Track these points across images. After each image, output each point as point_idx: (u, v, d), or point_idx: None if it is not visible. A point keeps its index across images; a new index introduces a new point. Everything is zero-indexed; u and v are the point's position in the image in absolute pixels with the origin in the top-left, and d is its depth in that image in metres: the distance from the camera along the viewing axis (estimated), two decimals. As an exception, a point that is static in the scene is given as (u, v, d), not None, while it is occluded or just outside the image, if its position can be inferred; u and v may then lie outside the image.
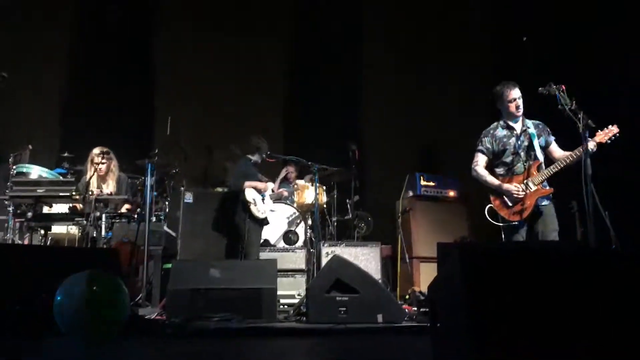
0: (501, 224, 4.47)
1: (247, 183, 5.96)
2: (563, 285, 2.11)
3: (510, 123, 4.60)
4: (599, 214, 4.05)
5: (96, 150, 5.80)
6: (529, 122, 4.61)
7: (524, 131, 4.57)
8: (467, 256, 2.27)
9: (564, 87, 4.26)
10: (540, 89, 4.43)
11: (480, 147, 4.68)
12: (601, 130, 4.28)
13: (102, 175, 5.87)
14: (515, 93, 4.53)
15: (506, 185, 4.44)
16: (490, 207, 4.53)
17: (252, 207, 5.89)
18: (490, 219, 4.52)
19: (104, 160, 5.79)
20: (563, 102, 4.20)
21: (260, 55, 8.51)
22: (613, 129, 4.28)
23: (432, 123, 8.18)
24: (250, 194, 5.95)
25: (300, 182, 6.84)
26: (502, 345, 1.99)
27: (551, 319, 2.03)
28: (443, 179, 7.03)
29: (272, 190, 6.48)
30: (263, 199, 6.08)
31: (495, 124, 4.69)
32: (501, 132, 4.62)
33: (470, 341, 2.00)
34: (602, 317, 2.05)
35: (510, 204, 4.45)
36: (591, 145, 4.15)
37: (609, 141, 4.27)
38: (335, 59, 8.63)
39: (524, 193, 4.38)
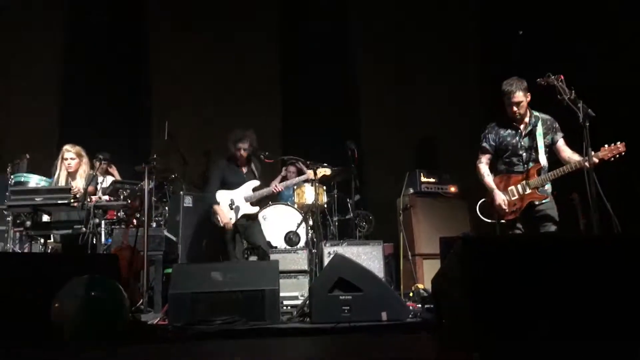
0: (490, 221, 4.46)
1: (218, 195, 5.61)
2: (565, 272, 2.08)
3: (515, 122, 4.54)
4: (602, 204, 3.99)
5: (67, 147, 5.67)
6: (539, 119, 4.50)
7: (529, 131, 4.50)
8: (470, 246, 2.24)
9: (562, 77, 4.22)
10: (538, 79, 4.39)
11: (484, 144, 4.63)
12: (608, 145, 4.17)
13: (72, 172, 5.72)
14: (516, 97, 4.41)
15: (498, 197, 4.40)
16: (483, 202, 4.52)
17: (212, 217, 5.65)
18: (480, 215, 4.52)
19: (74, 157, 5.64)
20: (562, 92, 4.16)
21: (256, 56, 8.49)
22: (619, 147, 4.14)
23: (431, 119, 8.15)
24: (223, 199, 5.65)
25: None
26: (506, 331, 1.96)
27: (554, 305, 2.00)
28: (443, 175, 6.99)
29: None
30: (232, 205, 5.57)
31: (502, 118, 4.61)
32: (505, 131, 4.56)
33: (474, 329, 1.97)
34: (607, 299, 2.02)
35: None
36: (592, 160, 4.03)
37: (612, 159, 4.15)
38: (331, 58, 8.61)
39: (511, 211, 4.36)
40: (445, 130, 8.02)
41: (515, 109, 4.44)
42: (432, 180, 6.89)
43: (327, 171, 5.83)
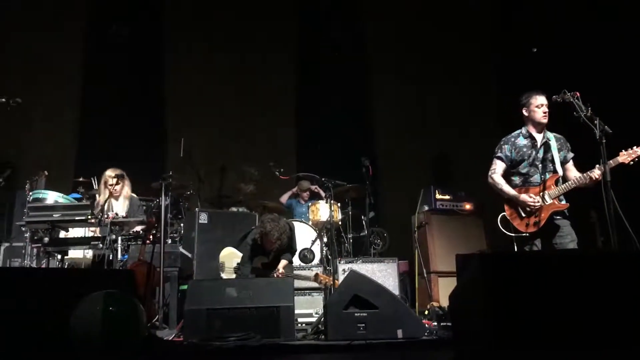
0: (513, 234, 4.38)
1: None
2: (582, 288, 2.07)
3: (533, 133, 4.51)
4: (620, 221, 3.94)
5: (109, 172, 5.84)
6: (551, 135, 4.51)
7: (544, 143, 4.47)
8: (488, 263, 2.24)
9: (578, 94, 4.22)
10: (554, 97, 4.39)
11: (499, 154, 4.59)
12: (625, 150, 4.16)
13: (116, 196, 5.89)
14: (543, 100, 4.44)
15: (522, 196, 4.36)
16: (503, 215, 4.45)
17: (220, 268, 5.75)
18: (502, 228, 4.44)
19: (118, 182, 5.83)
20: (578, 109, 4.16)
21: (271, 73, 8.59)
22: (638, 151, 4.15)
23: (446, 135, 8.16)
24: (228, 258, 5.76)
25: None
26: (524, 347, 1.95)
27: (571, 320, 1.99)
28: (458, 192, 6.97)
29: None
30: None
31: (517, 132, 4.59)
32: (522, 142, 4.53)
33: (493, 344, 1.95)
34: (625, 314, 1.99)
35: (523, 215, 4.36)
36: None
37: (632, 162, 4.14)
38: (346, 75, 8.67)
39: (539, 205, 4.30)
40: (461, 146, 8.01)
41: (545, 109, 4.42)
42: (447, 197, 6.87)
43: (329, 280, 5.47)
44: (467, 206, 6.92)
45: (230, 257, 5.80)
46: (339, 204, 6.66)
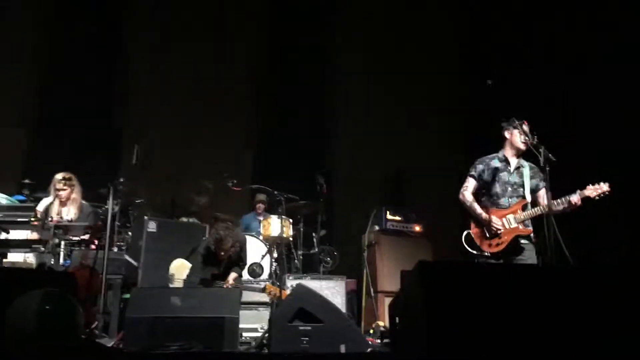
0: (475, 253, 4.46)
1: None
2: (518, 298, 2.14)
3: (509, 157, 4.61)
4: (559, 247, 4.07)
5: (58, 176, 5.72)
6: (526, 163, 4.62)
7: (517, 168, 4.58)
8: (427, 272, 2.29)
9: (526, 122, 4.39)
10: (502, 124, 4.57)
11: (472, 173, 4.68)
12: (592, 184, 4.26)
13: (64, 201, 5.74)
14: (526, 128, 4.50)
15: (488, 217, 4.43)
16: (468, 233, 4.53)
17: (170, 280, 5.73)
18: (465, 246, 4.50)
19: (65, 187, 5.69)
20: (525, 136, 4.33)
21: (230, 84, 8.57)
22: (604, 187, 4.22)
23: (401, 157, 8.26)
24: (179, 270, 5.75)
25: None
26: (462, 354, 1.99)
27: (507, 329, 2.04)
28: (409, 213, 7.08)
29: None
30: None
31: (494, 154, 4.69)
32: (496, 163, 4.62)
33: (428, 355, 1.99)
34: (557, 323, 2.07)
35: (487, 235, 4.44)
36: (575, 198, 4.22)
37: (597, 198, 4.23)
38: (305, 91, 8.72)
39: (502, 228, 4.40)
40: (416, 169, 8.12)
41: (527, 138, 4.47)
42: (397, 218, 6.97)
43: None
44: (417, 228, 7.03)
45: (181, 269, 5.72)
46: (291, 220, 6.66)
